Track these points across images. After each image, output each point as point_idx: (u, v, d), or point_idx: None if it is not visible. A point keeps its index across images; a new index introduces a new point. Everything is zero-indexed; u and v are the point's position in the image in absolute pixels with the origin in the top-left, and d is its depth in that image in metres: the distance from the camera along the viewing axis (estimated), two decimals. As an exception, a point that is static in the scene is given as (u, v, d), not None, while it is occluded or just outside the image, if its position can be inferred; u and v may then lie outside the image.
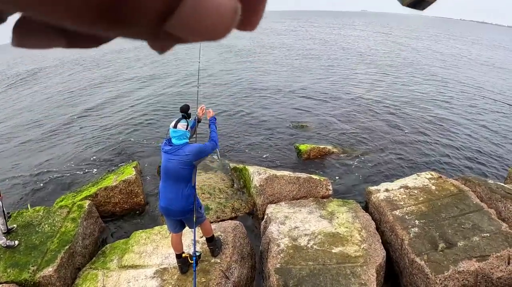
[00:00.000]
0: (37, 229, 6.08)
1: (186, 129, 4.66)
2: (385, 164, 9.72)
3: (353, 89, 18.44)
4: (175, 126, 4.63)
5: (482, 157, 10.56)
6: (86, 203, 6.67)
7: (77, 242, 5.93)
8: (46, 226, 6.16)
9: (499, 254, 5.09)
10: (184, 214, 4.73)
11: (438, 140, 11.58)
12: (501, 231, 5.49)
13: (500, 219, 5.91)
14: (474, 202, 6.16)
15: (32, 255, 5.48)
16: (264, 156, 10.26)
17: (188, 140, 4.70)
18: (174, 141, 4.62)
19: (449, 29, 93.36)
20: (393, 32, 66.67)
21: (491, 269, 5.00)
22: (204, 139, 5.02)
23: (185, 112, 5.03)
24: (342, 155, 10.09)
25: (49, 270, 5.18)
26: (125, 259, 5.49)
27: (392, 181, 7.20)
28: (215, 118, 5.23)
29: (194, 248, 4.76)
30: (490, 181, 7.02)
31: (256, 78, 21.30)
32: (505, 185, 6.84)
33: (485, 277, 4.99)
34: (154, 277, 5.06)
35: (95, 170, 9.65)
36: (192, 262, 4.74)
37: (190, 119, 4.93)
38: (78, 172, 9.61)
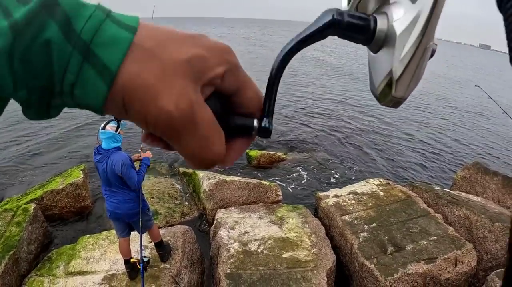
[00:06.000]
0: (-21, 233, 5.94)
1: (116, 131, 4.60)
2: (335, 171, 10.11)
3: (304, 96, 18.99)
4: (103, 128, 4.57)
5: (430, 165, 11.19)
6: (32, 206, 6.56)
7: (22, 248, 5.83)
8: (-11, 230, 6.02)
9: (446, 256, 5.49)
10: (131, 217, 4.79)
11: (386, 148, 12.12)
12: (448, 234, 5.87)
13: (446, 223, 6.31)
14: (422, 207, 6.52)
15: (-26, 260, 5.34)
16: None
17: (119, 145, 4.69)
18: (103, 145, 4.60)
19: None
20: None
21: (439, 271, 5.39)
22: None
23: None
24: (291, 161, 10.42)
25: (-8, 277, 5.05)
26: (72, 265, 5.47)
27: (341, 188, 7.54)
28: (149, 160, 5.12)
29: (141, 253, 4.82)
30: (437, 188, 7.46)
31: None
32: (451, 191, 7.28)
33: (434, 278, 5.38)
34: (102, 283, 5.09)
35: (41, 172, 9.48)
36: (139, 266, 4.80)
37: (121, 121, 4.87)
38: (23, 174, 9.42)
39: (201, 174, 7.77)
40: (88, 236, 6.11)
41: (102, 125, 4.62)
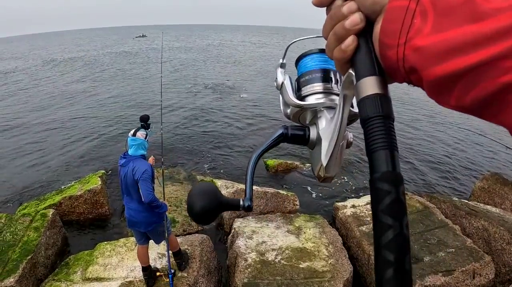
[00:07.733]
0: (-2, 237, 6.00)
1: (145, 138, 4.74)
2: (352, 180, 10.05)
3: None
4: (134, 135, 4.69)
5: (447, 175, 11.00)
6: (50, 212, 6.65)
7: (39, 252, 5.90)
8: (8, 234, 6.09)
9: (464, 269, 5.41)
10: (147, 227, 4.80)
11: (403, 158, 11.86)
12: (466, 246, 5.79)
13: (464, 235, 6.23)
14: (439, 218, 6.46)
15: (-8, 264, 5.40)
16: (232, 170, 10.45)
17: (145, 152, 4.77)
18: (130, 151, 4.68)
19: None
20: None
21: (457, 283, 5.33)
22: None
23: (144, 122, 5.10)
24: (308, 170, 10.29)
25: (10, 281, 5.12)
26: (89, 271, 5.53)
27: (358, 198, 7.50)
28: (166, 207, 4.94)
29: (169, 263, 4.90)
30: (455, 198, 7.40)
31: (224, 90, 21.84)
32: (469, 202, 7.20)
33: (451, 291, 5.24)
34: (120, 290, 5.09)
35: (59, 177, 9.61)
36: (167, 279, 4.87)
37: (149, 129, 4.97)
38: (42, 179, 9.56)
39: (219, 182, 7.79)
40: (105, 242, 6.17)
41: (132, 131, 4.73)
